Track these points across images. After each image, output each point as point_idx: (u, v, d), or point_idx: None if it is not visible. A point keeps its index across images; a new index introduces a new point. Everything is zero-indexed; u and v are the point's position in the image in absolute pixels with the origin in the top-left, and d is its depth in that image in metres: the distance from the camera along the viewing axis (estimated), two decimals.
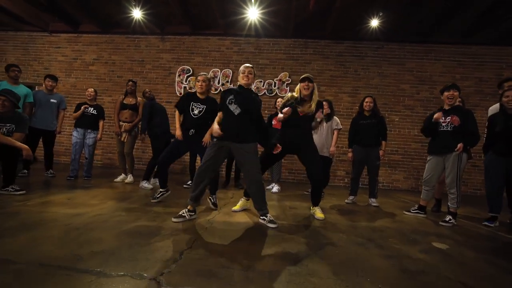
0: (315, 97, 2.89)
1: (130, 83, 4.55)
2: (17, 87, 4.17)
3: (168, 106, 5.98)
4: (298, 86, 2.92)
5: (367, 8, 5.37)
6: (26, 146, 2.99)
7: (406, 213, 3.50)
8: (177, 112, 3.15)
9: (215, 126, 2.52)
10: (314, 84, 2.88)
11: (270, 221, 2.48)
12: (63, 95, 6.88)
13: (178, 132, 3.05)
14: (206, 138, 3.03)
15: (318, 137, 4.33)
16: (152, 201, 3.16)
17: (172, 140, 3.54)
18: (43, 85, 4.66)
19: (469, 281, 1.61)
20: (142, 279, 1.36)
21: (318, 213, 3.00)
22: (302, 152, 2.92)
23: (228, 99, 2.51)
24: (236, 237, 2.13)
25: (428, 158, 3.35)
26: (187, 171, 5.47)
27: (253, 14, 5.45)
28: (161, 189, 3.23)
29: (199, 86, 3.06)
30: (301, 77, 2.89)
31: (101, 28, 6.99)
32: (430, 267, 1.77)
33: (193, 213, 2.56)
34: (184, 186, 4.52)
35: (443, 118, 3.17)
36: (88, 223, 2.20)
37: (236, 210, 2.99)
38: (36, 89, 7.16)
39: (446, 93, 3.17)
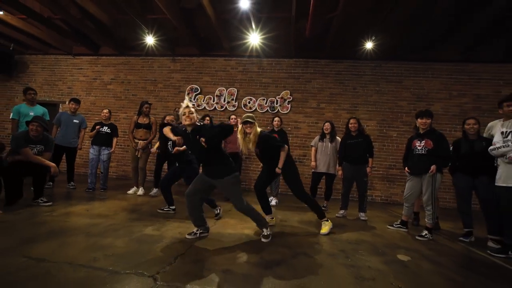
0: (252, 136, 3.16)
1: (147, 105, 5.09)
2: (34, 108, 4.77)
3: None
4: (240, 128, 3.24)
5: (360, 33, 5.76)
6: (54, 164, 3.53)
7: (390, 227, 3.78)
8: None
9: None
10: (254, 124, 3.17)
11: (264, 236, 2.79)
12: (84, 112, 7.66)
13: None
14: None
15: (324, 156, 4.84)
16: (158, 210, 3.61)
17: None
18: (68, 107, 5.27)
19: (408, 287, 1.93)
20: (143, 276, 1.78)
21: (323, 228, 3.27)
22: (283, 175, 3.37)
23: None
24: (224, 246, 2.53)
25: (407, 178, 3.65)
26: None
27: (254, 39, 5.93)
28: (169, 206, 3.68)
29: (183, 119, 3.44)
30: (243, 120, 3.16)
31: (118, 50, 7.68)
32: (382, 276, 2.10)
33: (205, 232, 2.85)
34: None
35: (419, 142, 3.49)
36: (104, 232, 2.66)
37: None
38: (60, 106, 7.94)
39: (420, 120, 3.49)
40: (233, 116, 5.14)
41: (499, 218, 2.97)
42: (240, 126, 3.22)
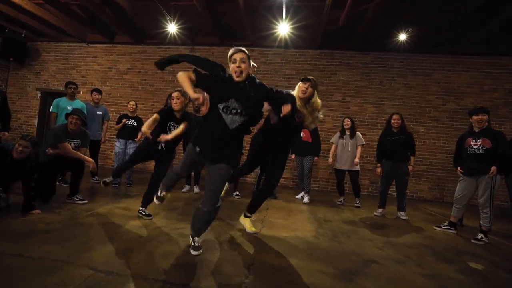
0: (315, 105, 2.54)
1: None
2: (74, 102, 4.57)
3: None
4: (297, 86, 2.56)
5: (395, 23, 5.49)
6: (92, 160, 3.36)
7: (437, 228, 3.64)
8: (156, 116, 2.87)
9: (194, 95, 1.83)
10: (315, 91, 2.52)
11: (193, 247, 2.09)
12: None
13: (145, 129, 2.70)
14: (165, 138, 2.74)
15: (345, 153, 4.71)
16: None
17: None
18: (90, 98, 5.05)
19: None
20: None
21: (249, 226, 2.81)
22: (276, 154, 2.72)
23: (223, 105, 1.92)
24: (288, 252, 2.38)
25: (460, 178, 3.48)
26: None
27: (283, 29, 5.66)
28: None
29: (174, 103, 2.91)
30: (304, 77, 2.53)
31: (135, 39, 7.38)
32: None
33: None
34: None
35: (474, 141, 3.30)
36: (155, 236, 2.50)
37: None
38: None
39: (475, 117, 3.29)
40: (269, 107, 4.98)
41: None
42: (297, 86, 2.54)
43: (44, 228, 2.45)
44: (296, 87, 2.56)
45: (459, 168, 3.47)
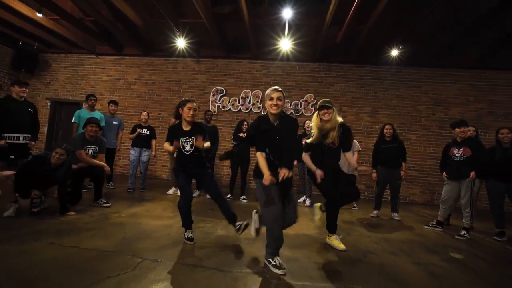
0: (335, 120, 2.69)
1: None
2: (93, 114, 4.94)
3: None
4: (315, 116, 2.73)
5: (388, 41, 6.00)
6: (105, 164, 3.76)
7: (426, 227, 4.06)
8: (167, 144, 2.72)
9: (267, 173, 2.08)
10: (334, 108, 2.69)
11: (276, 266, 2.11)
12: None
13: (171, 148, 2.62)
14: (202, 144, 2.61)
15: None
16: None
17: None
18: (107, 109, 5.43)
19: (483, 285, 2.20)
20: (254, 274, 2.00)
21: (338, 243, 2.77)
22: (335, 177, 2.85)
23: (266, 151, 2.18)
24: (298, 245, 2.77)
25: (445, 182, 3.93)
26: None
27: (285, 45, 6.12)
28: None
29: (190, 115, 2.62)
30: (319, 105, 2.69)
31: (142, 51, 7.78)
32: (450, 272, 2.37)
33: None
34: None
35: (457, 150, 3.76)
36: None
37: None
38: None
39: (458, 130, 3.76)
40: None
41: None
42: (315, 115, 2.77)
43: (85, 227, 2.81)
44: (314, 116, 2.76)
45: (444, 173, 3.93)
